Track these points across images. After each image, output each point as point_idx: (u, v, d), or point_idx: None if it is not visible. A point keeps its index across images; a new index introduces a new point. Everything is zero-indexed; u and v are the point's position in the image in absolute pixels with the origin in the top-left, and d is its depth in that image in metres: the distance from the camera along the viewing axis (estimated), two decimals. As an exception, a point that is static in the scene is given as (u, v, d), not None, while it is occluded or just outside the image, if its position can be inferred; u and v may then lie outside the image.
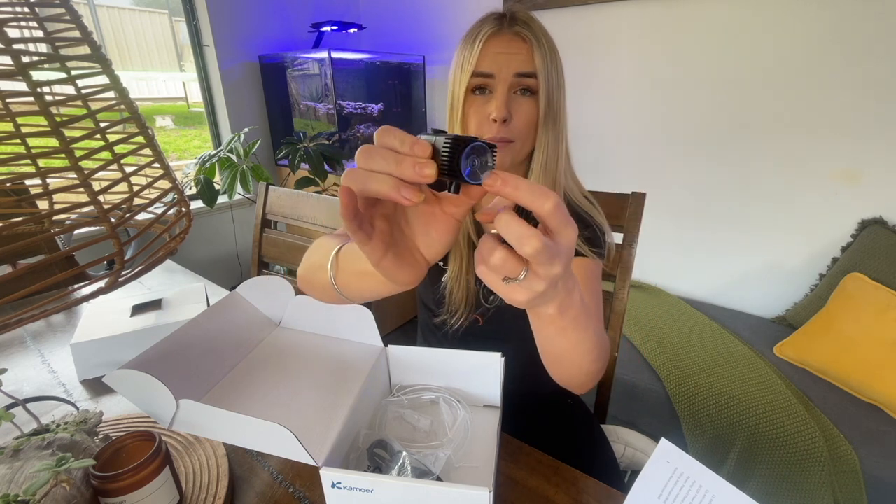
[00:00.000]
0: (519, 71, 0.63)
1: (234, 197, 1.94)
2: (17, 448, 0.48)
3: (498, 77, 0.63)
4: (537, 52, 0.62)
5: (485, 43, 0.63)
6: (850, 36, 1.48)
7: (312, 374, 0.63)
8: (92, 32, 0.41)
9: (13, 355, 0.87)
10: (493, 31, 0.63)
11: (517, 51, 0.63)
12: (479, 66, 0.64)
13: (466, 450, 0.57)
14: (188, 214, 0.51)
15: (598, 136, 2.06)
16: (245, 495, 0.56)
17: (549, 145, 0.67)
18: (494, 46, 0.63)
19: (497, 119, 0.63)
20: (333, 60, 2.03)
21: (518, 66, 0.63)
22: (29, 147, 0.42)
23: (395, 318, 2.41)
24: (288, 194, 1.21)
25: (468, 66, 0.64)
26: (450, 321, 0.78)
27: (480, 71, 0.64)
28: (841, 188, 1.60)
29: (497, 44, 0.63)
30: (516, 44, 0.63)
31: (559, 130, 0.67)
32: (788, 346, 1.51)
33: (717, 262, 1.92)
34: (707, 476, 0.44)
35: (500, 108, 0.63)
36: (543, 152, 0.67)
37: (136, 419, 0.66)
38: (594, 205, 0.76)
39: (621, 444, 0.87)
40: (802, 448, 1.17)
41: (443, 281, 0.76)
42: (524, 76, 0.63)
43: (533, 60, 0.63)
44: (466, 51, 0.65)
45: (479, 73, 0.64)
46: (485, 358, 0.62)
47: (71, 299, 0.42)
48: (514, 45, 0.63)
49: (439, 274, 0.78)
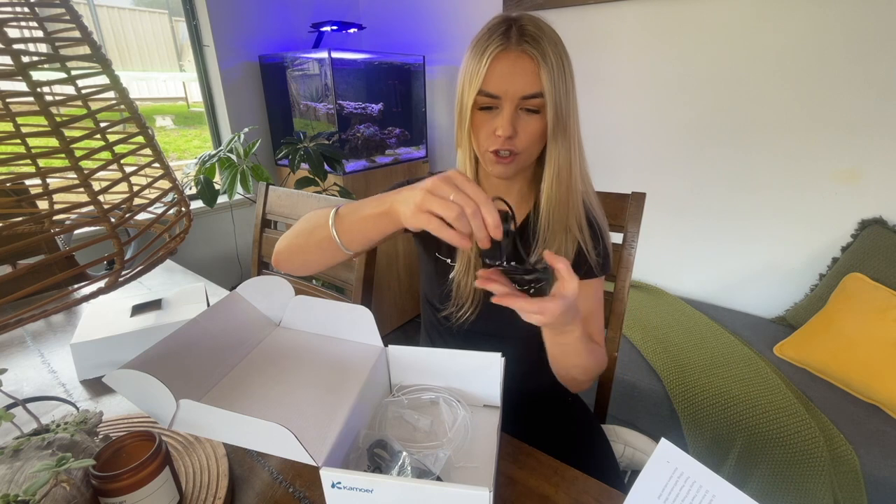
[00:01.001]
0: (524, 94, 0.63)
1: (234, 197, 1.93)
2: (17, 448, 0.48)
3: (504, 98, 0.64)
4: (544, 71, 0.62)
5: (492, 62, 0.63)
6: (851, 35, 1.48)
7: (312, 374, 0.63)
8: (92, 32, 0.41)
9: (13, 355, 0.88)
10: (500, 50, 0.63)
11: (523, 71, 0.63)
12: (486, 85, 0.64)
13: (466, 450, 0.57)
14: (188, 214, 0.51)
15: (598, 135, 2.06)
16: (245, 495, 0.56)
17: (561, 156, 0.68)
18: (501, 65, 0.63)
19: (502, 136, 0.65)
20: (333, 60, 2.02)
21: (523, 88, 0.63)
22: (29, 147, 0.42)
23: (395, 318, 2.41)
24: (288, 194, 1.21)
25: (475, 83, 0.65)
26: (456, 314, 0.79)
27: (487, 91, 0.64)
28: (841, 188, 1.60)
29: (504, 62, 0.63)
30: (522, 63, 0.63)
31: (569, 138, 0.67)
32: (788, 346, 1.51)
33: (717, 262, 1.92)
34: (707, 476, 0.44)
35: (505, 127, 0.64)
36: (555, 163, 0.68)
37: (136, 419, 0.66)
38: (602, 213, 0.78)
39: (621, 444, 0.87)
40: (802, 448, 1.17)
41: (451, 277, 0.78)
42: (530, 97, 0.64)
43: (539, 80, 0.63)
44: (473, 65, 0.65)
45: (485, 92, 0.64)
46: (485, 358, 0.62)
47: (71, 299, 0.42)
48: (520, 65, 0.63)
49: (445, 270, 0.79)
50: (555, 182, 0.69)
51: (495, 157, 0.67)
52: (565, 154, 0.68)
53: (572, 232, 0.72)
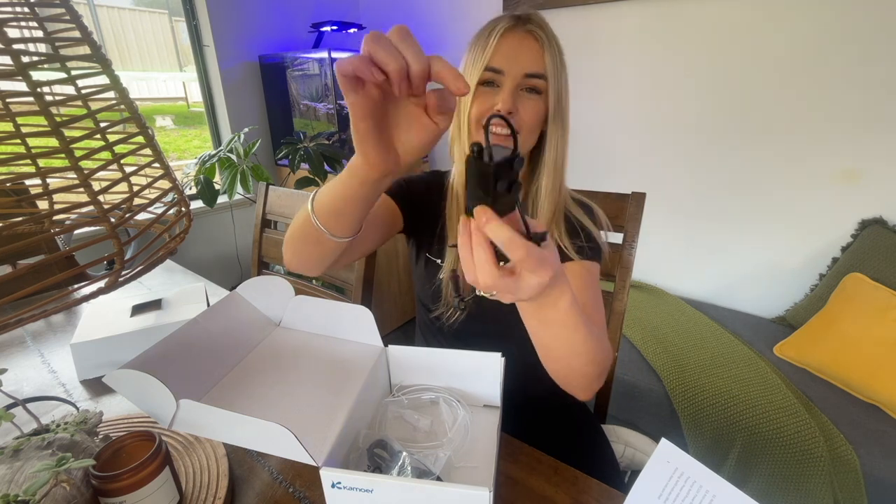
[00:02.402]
0: (528, 71, 0.65)
1: (234, 197, 1.94)
2: (17, 448, 0.48)
3: (507, 74, 0.65)
4: (548, 54, 0.64)
5: (500, 38, 0.65)
6: (851, 36, 1.48)
7: (312, 374, 0.63)
8: (92, 32, 0.41)
9: (13, 355, 0.87)
10: (509, 27, 0.65)
11: (529, 49, 0.65)
12: (492, 60, 0.65)
13: (466, 450, 0.57)
14: (188, 214, 0.51)
15: (598, 135, 2.06)
16: (245, 495, 0.56)
17: (559, 145, 0.69)
18: (508, 41, 0.65)
19: (502, 111, 0.65)
20: (333, 60, 2.03)
21: (528, 65, 0.64)
22: (29, 147, 0.42)
23: (395, 318, 2.41)
24: (288, 194, 1.21)
25: (480, 61, 0.66)
26: (445, 314, 0.79)
27: (491, 66, 0.65)
28: (841, 188, 1.60)
29: (511, 39, 0.65)
30: (528, 42, 0.65)
31: (566, 131, 0.69)
32: (788, 346, 1.51)
33: (717, 262, 1.92)
34: (707, 476, 0.44)
35: (505, 101, 0.64)
36: (554, 150, 0.69)
37: (136, 419, 0.66)
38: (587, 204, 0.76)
39: (621, 444, 0.87)
40: (802, 448, 1.17)
41: (439, 276, 0.78)
42: (533, 76, 0.65)
43: (543, 61, 0.64)
44: (480, 45, 0.66)
45: (490, 67, 0.65)
46: (485, 358, 0.62)
47: (71, 299, 0.42)
48: (526, 43, 0.65)
49: (435, 270, 0.79)
50: (552, 173, 0.70)
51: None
52: (562, 145, 0.69)
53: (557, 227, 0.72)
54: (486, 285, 0.36)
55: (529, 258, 0.36)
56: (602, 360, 0.56)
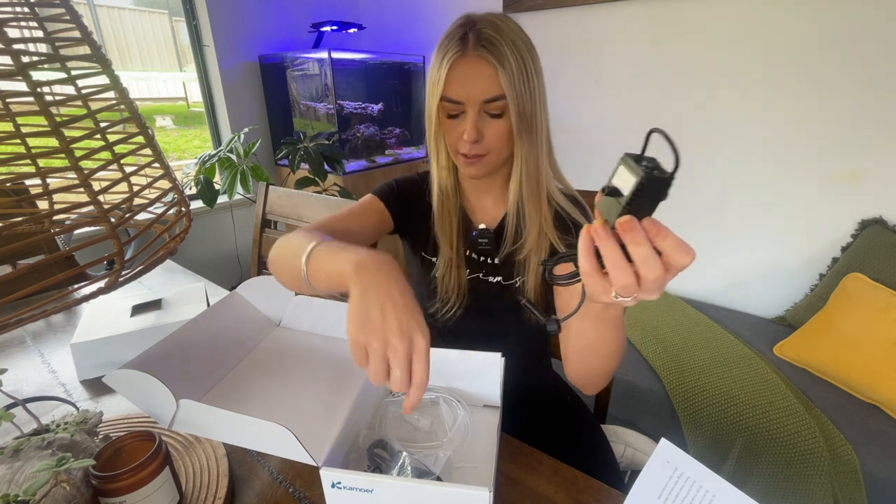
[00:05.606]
0: (485, 97, 0.64)
1: (234, 197, 1.94)
2: (17, 448, 0.48)
3: (466, 103, 0.65)
4: (502, 74, 0.62)
5: (450, 68, 0.64)
6: (851, 36, 1.48)
7: (312, 374, 0.63)
8: (92, 32, 0.41)
9: (13, 355, 0.88)
10: (458, 56, 0.63)
11: (481, 75, 0.63)
12: (447, 91, 0.65)
13: (466, 450, 0.57)
14: (188, 214, 0.51)
15: (597, 135, 2.06)
16: (245, 495, 0.56)
17: (528, 155, 0.68)
18: (460, 70, 0.64)
19: (468, 140, 0.65)
20: (333, 60, 2.03)
21: (483, 92, 0.63)
22: (29, 147, 0.42)
23: (395, 318, 2.41)
24: (288, 194, 1.21)
25: (437, 88, 0.66)
26: (441, 310, 0.78)
27: (449, 97, 0.65)
28: (841, 188, 1.60)
29: (462, 67, 0.64)
30: (480, 68, 0.63)
31: (535, 137, 0.67)
32: (788, 346, 1.51)
33: (716, 262, 1.92)
34: (707, 476, 0.44)
35: (470, 132, 0.65)
36: (522, 162, 0.69)
37: (136, 419, 0.66)
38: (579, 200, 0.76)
39: (621, 444, 0.87)
40: (802, 448, 1.17)
41: (433, 273, 0.78)
42: (491, 101, 0.64)
43: (498, 82, 0.63)
44: (435, 72, 0.66)
45: (448, 98, 0.65)
46: (485, 358, 0.62)
47: (71, 299, 0.42)
48: (478, 70, 0.63)
49: (430, 266, 0.79)
50: (524, 179, 0.70)
51: (465, 160, 0.69)
52: (532, 153, 0.68)
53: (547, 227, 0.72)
54: (657, 277, 0.37)
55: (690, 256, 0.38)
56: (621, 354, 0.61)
